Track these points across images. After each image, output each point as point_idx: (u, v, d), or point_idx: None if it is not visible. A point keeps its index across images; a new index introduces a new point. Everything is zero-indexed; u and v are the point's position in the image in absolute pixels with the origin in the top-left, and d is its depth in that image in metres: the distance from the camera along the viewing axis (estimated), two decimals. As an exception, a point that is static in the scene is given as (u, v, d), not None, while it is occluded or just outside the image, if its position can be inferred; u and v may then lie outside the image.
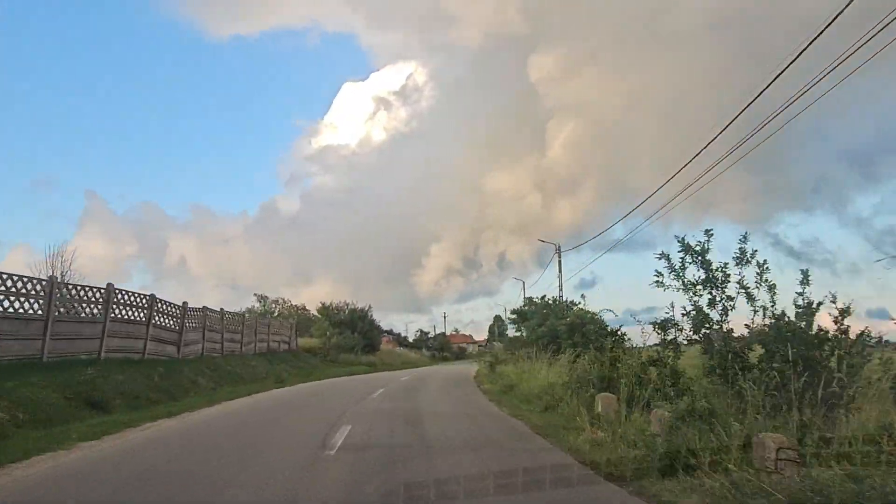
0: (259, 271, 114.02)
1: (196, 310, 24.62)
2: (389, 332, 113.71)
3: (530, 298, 26.57)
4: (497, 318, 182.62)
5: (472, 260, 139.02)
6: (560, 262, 35.76)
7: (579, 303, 24.00)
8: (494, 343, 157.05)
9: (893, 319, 8.67)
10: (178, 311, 22.69)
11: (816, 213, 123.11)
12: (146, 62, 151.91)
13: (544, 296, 30.08)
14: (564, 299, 25.38)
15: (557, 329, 21.95)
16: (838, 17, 9.22)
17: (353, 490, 6.55)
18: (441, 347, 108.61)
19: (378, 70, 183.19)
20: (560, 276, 35.13)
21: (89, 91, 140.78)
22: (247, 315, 31.28)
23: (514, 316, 26.00)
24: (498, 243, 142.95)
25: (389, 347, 71.60)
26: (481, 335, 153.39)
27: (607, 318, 21.39)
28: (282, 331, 39.47)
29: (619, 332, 18.98)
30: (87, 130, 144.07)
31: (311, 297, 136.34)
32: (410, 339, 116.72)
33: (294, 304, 73.72)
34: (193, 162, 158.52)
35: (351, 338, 51.72)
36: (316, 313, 59.51)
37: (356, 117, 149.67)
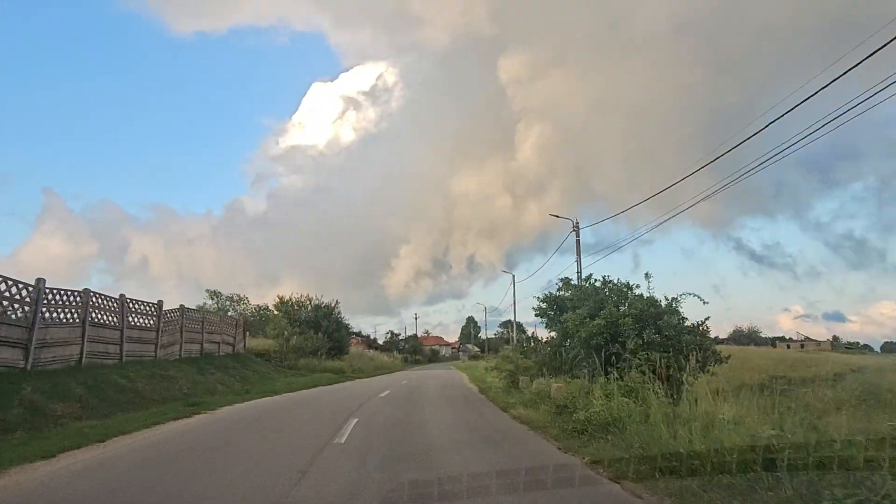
0: (225, 272, 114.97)
1: (66, 294, 16.14)
2: (359, 335, 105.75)
3: (567, 279, 18.80)
4: (470, 320, 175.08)
5: (442, 262, 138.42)
6: (578, 241, 28.37)
7: (637, 285, 16.29)
8: (469, 346, 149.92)
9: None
10: (27, 295, 14.29)
11: (778, 217, 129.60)
12: (107, 57, 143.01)
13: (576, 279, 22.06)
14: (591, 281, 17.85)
15: (619, 322, 14.29)
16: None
17: None
18: (413, 350, 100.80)
19: (347, 70, 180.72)
20: (579, 259, 27.75)
21: (47, 86, 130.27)
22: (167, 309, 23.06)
23: (543, 305, 17.74)
24: (467, 245, 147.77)
25: (359, 350, 63.50)
26: (451, 337, 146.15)
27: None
28: (223, 329, 31.10)
29: (703, 326, 14.70)
30: (45, 126, 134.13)
31: (278, 297, 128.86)
32: (380, 341, 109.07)
33: (256, 303, 65.52)
34: (156, 160, 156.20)
35: (314, 339, 43.39)
36: (273, 310, 51.02)
37: (325, 117, 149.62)
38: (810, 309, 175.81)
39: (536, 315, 19.03)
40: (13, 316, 13.63)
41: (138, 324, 20.51)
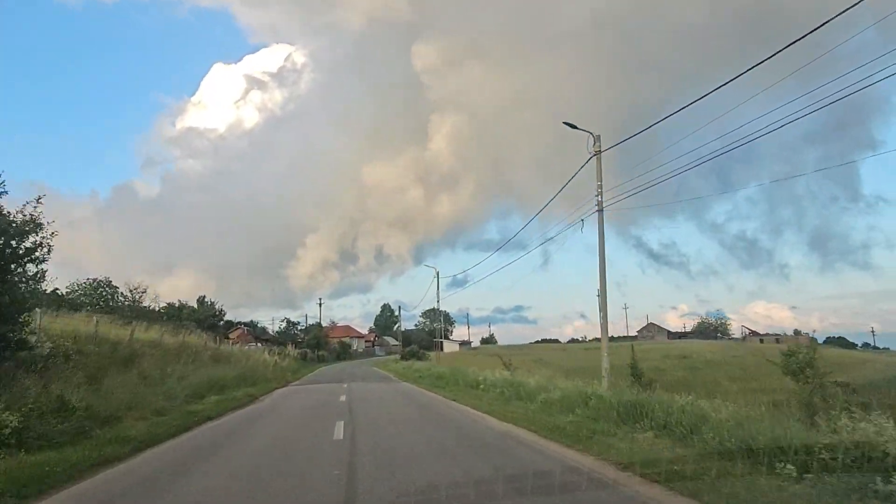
0: (112, 259, 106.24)
1: None
2: (246, 325, 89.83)
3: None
4: (385, 309, 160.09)
5: (350, 253, 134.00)
6: (600, 164, 16.38)
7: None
8: (386, 339, 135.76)
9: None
10: None
11: (678, 218, 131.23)
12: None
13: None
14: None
15: None
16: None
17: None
18: (316, 343, 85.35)
19: (253, 50, 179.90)
20: (600, 185, 15.09)
21: None
22: None
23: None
24: (377, 236, 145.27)
25: (237, 346, 48.62)
26: (362, 328, 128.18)
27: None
28: None
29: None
30: None
31: (173, 287, 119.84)
32: (274, 331, 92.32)
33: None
34: (31, 133, 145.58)
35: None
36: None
37: (227, 98, 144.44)
38: (695, 307, 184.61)
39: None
40: None
41: None
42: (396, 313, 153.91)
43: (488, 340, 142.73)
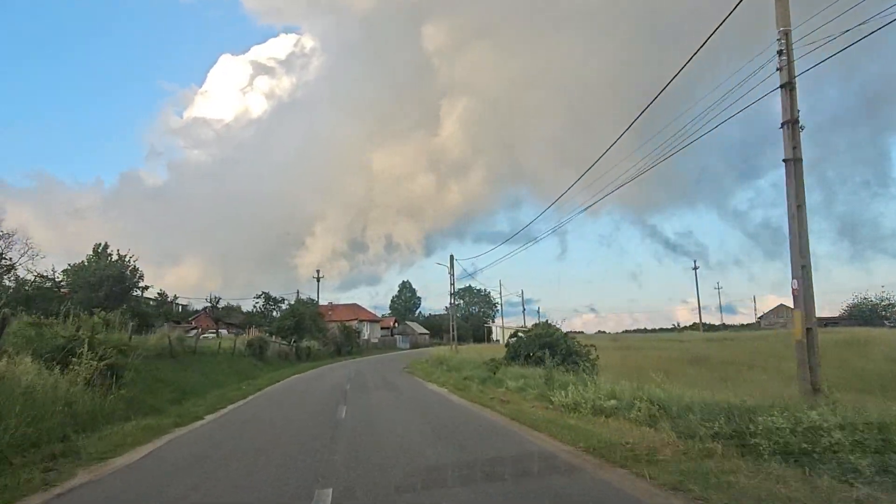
0: (119, 249, 79.86)
1: None
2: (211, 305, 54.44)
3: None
4: (405, 287, 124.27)
5: (359, 242, 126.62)
6: None
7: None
8: (410, 324, 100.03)
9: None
10: None
11: (698, 206, 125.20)
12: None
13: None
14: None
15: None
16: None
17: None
18: (296, 325, 47.82)
19: (259, 33, 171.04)
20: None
21: None
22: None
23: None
24: (386, 225, 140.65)
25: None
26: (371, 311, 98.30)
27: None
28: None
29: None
30: None
31: (180, 278, 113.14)
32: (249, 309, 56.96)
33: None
34: (35, 122, 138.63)
35: None
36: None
37: (234, 85, 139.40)
38: (706, 301, 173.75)
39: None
40: None
41: None
42: (417, 293, 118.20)
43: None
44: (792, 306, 10.41)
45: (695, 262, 74.03)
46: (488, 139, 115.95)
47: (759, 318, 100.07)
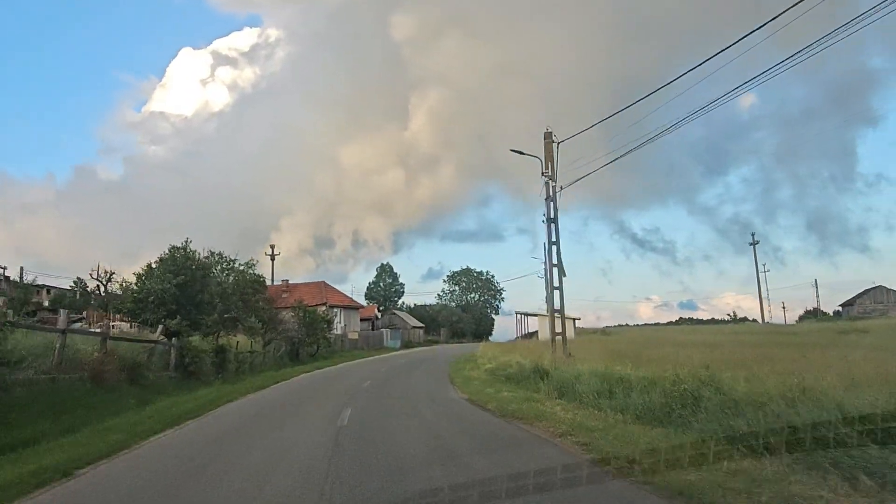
0: (74, 246, 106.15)
1: None
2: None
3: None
4: (384, 271, 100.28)
5: (326, 238, 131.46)
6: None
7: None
8: (399, 313, 76.11)
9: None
10: None
11: (668, 203, 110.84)
12: None
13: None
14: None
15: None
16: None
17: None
18: (189, 291, 22.95)
19: (224, 22, 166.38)
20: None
21: None
22: None
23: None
24: (354, 220, 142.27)
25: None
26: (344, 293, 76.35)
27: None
28: None
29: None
30: None
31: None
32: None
33: None
34: None
35: None
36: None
37: (195, 76, 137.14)
38: (667, 297, 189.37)
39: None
40: None
41: None
42: (399, 277, 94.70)
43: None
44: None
45: (753, 235, 62.34)
46: (460, 132, 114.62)
47: (842, 305, 79.69)
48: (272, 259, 66.51)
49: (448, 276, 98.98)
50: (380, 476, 6.78)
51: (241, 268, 27.97)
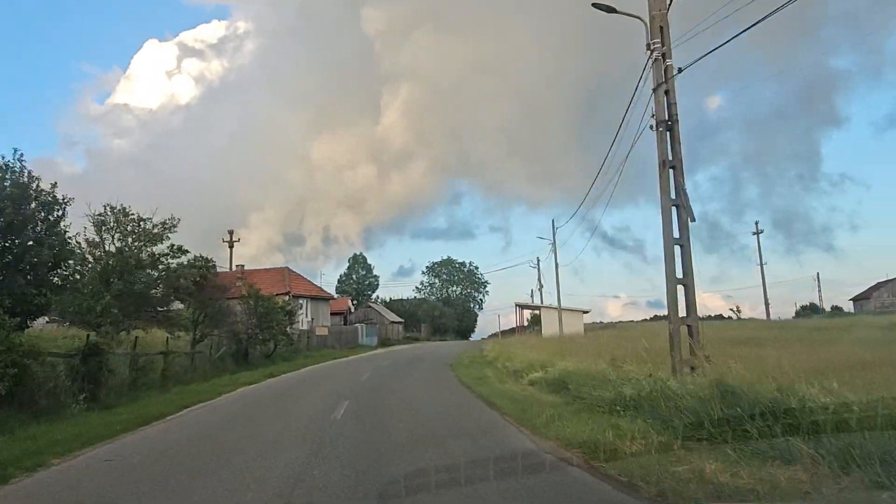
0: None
1: None
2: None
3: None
4: (356, 262, 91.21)
5: (296, 235, 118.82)
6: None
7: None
8: (375, 307, 67.31)
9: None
10: None
11: (639, 201, 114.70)
12: None
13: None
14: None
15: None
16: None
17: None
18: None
19: (191, 15, 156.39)
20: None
21: None
22: None
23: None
24: (324, 218, 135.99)
25: None
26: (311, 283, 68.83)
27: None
28: None
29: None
30: None
31: None
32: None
33: None
34: None
35: None
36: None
37: (162, 67, 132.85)
38: (635, 295, 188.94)
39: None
40: None
41: None
42: (373, 268, 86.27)
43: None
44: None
45: (756, 223, 56.77)
46: (433, 128, 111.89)
47: (854, 299, 73.52)
48: (230, 246, 57.37)
49: (427, 266, 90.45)
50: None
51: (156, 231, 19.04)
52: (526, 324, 55.94)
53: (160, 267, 19.54)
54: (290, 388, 16.94)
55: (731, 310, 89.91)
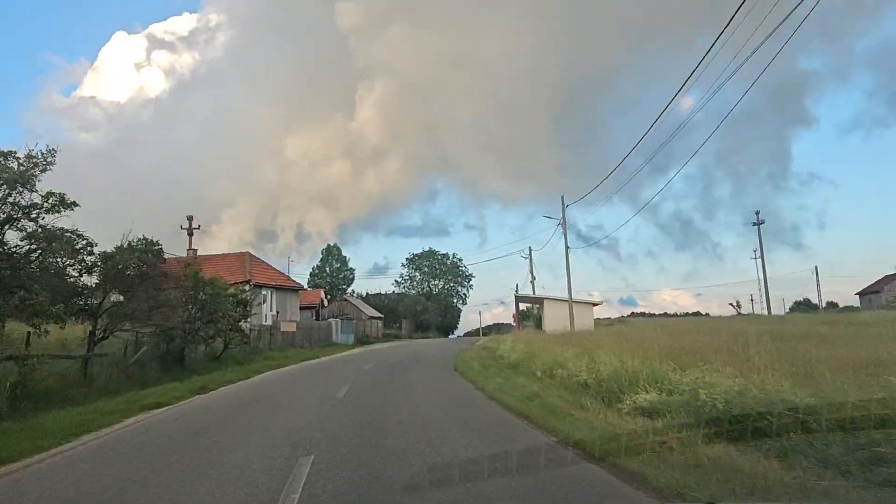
0: None
1: None
2: None
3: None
4: (330, 253, 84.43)
5: (269, 231, 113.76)
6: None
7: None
8: (352, 300, 61.03)
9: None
10: None
11: (613, 199, 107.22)
12: None
13: None
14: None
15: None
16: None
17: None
18: None
19: (161, 7, 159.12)
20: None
21: None
22: None
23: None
24: (297, 215, 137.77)
25: None
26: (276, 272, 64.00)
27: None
28: None
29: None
30: None
31: None
32: None
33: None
34: None
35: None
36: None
37: (131, 59, 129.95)
38: (608, 293, 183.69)
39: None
40: None
41: None
42: (348, 260, 79.58)
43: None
44: None
45: (757, 213, 52.01)
46: (408, 123, 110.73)
47: (861, 294, 69.38)
48: (190, 234, 50.06)
49: (407, 258, 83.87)
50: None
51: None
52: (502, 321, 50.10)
53: (37, 221, 12.86)
54: (210, 424, 10.11)
55: (731, 305, 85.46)
